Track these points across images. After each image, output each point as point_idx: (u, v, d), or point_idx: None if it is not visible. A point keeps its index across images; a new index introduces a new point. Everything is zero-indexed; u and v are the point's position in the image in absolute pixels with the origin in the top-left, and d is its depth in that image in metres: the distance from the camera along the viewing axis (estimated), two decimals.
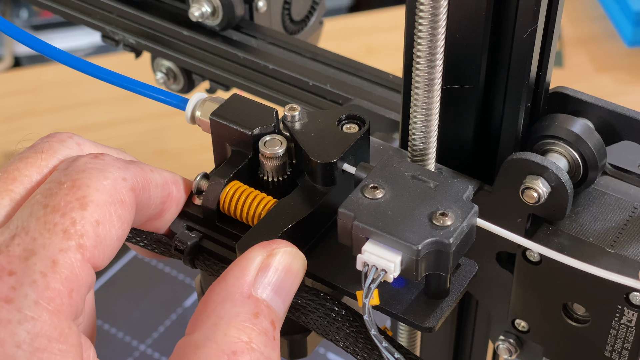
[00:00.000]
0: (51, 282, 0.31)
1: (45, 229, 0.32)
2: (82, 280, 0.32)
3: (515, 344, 0.45)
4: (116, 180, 0.34)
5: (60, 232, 0.32)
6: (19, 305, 0.31)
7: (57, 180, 0.34)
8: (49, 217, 0.33)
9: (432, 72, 0.36)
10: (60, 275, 0.32)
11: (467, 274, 0.38)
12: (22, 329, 0.30)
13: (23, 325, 0.30)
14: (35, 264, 0.31)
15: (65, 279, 0.32)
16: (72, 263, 0.32)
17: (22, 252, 0.32)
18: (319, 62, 0.54)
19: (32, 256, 0.32)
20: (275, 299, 0.34)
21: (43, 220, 0.33)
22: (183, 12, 0.57)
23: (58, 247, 0.32)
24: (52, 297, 0.31)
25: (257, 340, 0.33)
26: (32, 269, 0.31)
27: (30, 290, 0.31)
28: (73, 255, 0.32)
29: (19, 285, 0.31)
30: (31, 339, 0.30)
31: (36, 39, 0.44)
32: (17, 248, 0.32)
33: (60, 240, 0.32)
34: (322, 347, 0.78)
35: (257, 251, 0.35)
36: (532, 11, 0.38)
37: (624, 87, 1.03)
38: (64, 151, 0.36)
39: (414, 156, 0.39)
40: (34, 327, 0.31)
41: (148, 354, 0.77)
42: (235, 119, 0.40)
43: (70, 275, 0.32)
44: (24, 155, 0.36)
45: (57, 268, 0.32)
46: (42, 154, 0.36)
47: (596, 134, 0.40)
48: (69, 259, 0.32)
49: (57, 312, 0.31)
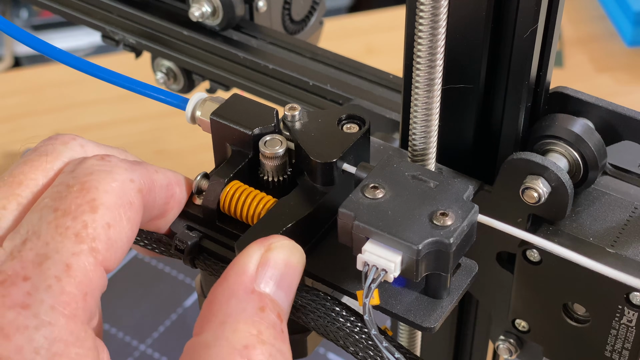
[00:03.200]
0: (66, 286, 0.31)
1: (57, 233, 0.32)
2: (96, 284, 0.32)
3: (516, 344, 0.45)
4: (124, 182, 0.34)
5: (73, 236, 0.32)
6: (36, 310, 0.31)
7: (66, 183, 0.34)
8: (60, 221, 0.32)
9: (432, 72, 0.36)
10: (75, 279, 0.32)
11: (467, 274, 0.38)
12: (40, 334, 0.30)
13: (40, 331, 0.30)
14: (49, 268, 0.31)
15: (79, 282, 0.32)
16: (85, 267, 0.32)
17: (35, 257, 0.32)
18: (319, 62, 0.54)
19: (45, 261, 0.32)
20: (278, 292, 0.34)
21: (54, 224, 0.32)
22: (183, 12, 0.57)
23: (71, 251, 0.32)
24: (68, 301, 0.31)
25: (267, 332, 0.33)
26: (46, 273, 0.31)
27: (46, 295, 0.31)
28: (86, 259, 0.32)
29: (34, 291, 0.31)
30: (49, 345, 0.30)
31: (37, 39, 0.44)
32: (29, 253, 0.32)
33: (73, 244, 0.32)
34: (322, 347, 0.78)
35: (255, 248, 0.35)
36: (532, 11, 0.38)
37: (624, 87, 1.03)
38: (68, 153, 0.36)
39: (414, 156, 0.39)
40: (51, 333, 0.30)
41: (148, 354, 0.77)
42: (235, 118, 0.40)
43: (84, 279, 0.32)
44: (29, 159, 0.36)
45: (71, 272, 0.32)
46: (46, 156, 0.36)
47: (596, 134, 0.40)
48: (82, 263, 0.32)
49: (73, 317, 0.31)
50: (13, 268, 0.31)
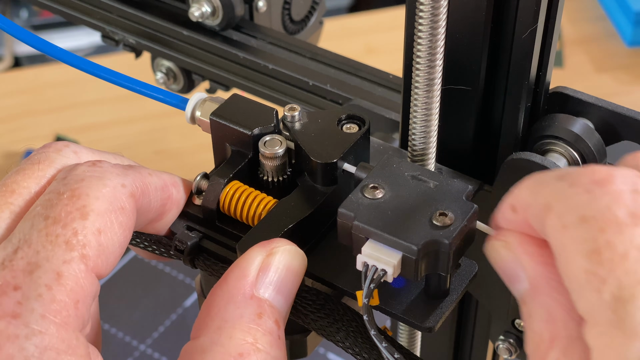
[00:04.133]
0: (57, 294, 0.31)
1: (48, 241, 0.32)
2: (87, 291, 0.32)
3: (515, 344, 0.45)
4: (115, 187, 0.34)
5: (63, 244, 0.32)
6: (26, 319, 0.31)
7: (56, 190, 0.34)
8: (51, 229, 0.32)
9: (432, 72, 0.36)
10: (65, 287, 0.32)
11: (467, 274, 0.38)
12: (31, 343, 0.30)
13: (31, 340, 0.30)
14: (40, 277, 0.31)
15: (70, 290, 0.32)
16: (76, 274, 0.32)
17: (26, 265, 0.32)
18: (319, 62, 0.54)
19: (36, 269, 0.32)
20: (277, 298, 0.34)
21: (45, 232, 0.32)
22: (183, 12, 0.57)
23: (61, 259, 0.32)
24: (59, 309, 0.31)
25: (263, 340, 0.33)
26: (37, 282, 0.31)
27: (36, 304, 0.31)
28: (77, 266, 0.32)
29: (25, 300, 0.31)
30: (40, 353, 0.30)
31: (38, 38, 0.44)
32: (20, 262, 0.32)
33: (63, 252, 0.32)
34: (322, 347, 0.78)
35: (257, 251, 0.35)
36: (532, 11, 0.38)
37: (624, 87, 1.03)
38: (61, 160, 0.36)
39: (414, 156, 0.39)
40: (42, 341, 0.30)
41: (148, 354, 0.77)
42: (235, 118, 0.40)
43: (75, 287, 0.32)
44: (21, 168, 0.36)
45: (61, 280, 0.32)
46: (39, 164, 0.36)
47: (596, 134, 0.40)
48: (73, 271, 0.32)
49: (64, 325, 0.31)
50: (4, 277, 0.31)
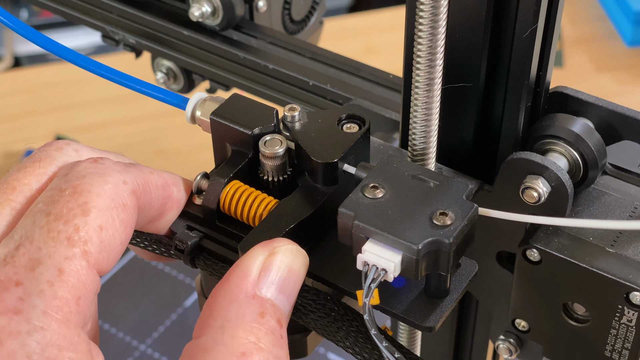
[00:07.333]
0: (58, 291, 0.31)
1: (50, 237, 0.32)
2: (89, 287, 0.32)
3: (516, 344, 0.45)
4: (117, 184, 0.34)
5: (65, 240, 0.32)
6: (28, 316, 0.31)
7: (58, 187, 0.34)
8: (52, 225, 0.33)
9: (432, 72, 0.36)
10: (67, 283, 0.32)
11: (467, 274, 0.38)
12: (32, 339, 0.30)
13: (33, 336, 0.30)
14: (41, 273, 0.31)
15: (72, 287, 0.32)
16: (78, 270, 0.32)
17: (28, 262, 0.32)
18: (319, 62, 0.54)
19: (38, 266, 0.32)
20: (279, 297, 0.35)
21: (46, 228, 0.32)
22: (183, 12, 0.57)
23: (63, 255, 0.32)
24: (60, 306, 0.31)
25: (265, 339, 0.33)
26: (38, 278, 0.31)
27: (38, 300, 0.31)
28: (78, 263, 0.32)
29: (26, 296, 0.31)
30: (41, 349, 0.30)
31: (42, 35, 0.44)
32: (22, 258, 0.32)
33: (65, 248, 0.32)
34: (322, 347, 0.78)
35: (259, 251, 0.35)
36: (532, 11, 0.38)
37: (624, 87, 1.03)
38: (62, 158, 0.36)
39: (414, 156, 0.39)
40: (43, 337, 0.31)
41: (148, 354, 0.77)
42: (235, 118, 0.40)
43: (76, 283, 0.32)
44: (22, 165, 0.36)
45: (63, 276, 0.32)
46: (40, 162, 0.36)
47: (596, 134, 0.40)
48: (74, 267, 0.32)
49: (65, 321, 0.31)
50: (6, 274, 0.32)
